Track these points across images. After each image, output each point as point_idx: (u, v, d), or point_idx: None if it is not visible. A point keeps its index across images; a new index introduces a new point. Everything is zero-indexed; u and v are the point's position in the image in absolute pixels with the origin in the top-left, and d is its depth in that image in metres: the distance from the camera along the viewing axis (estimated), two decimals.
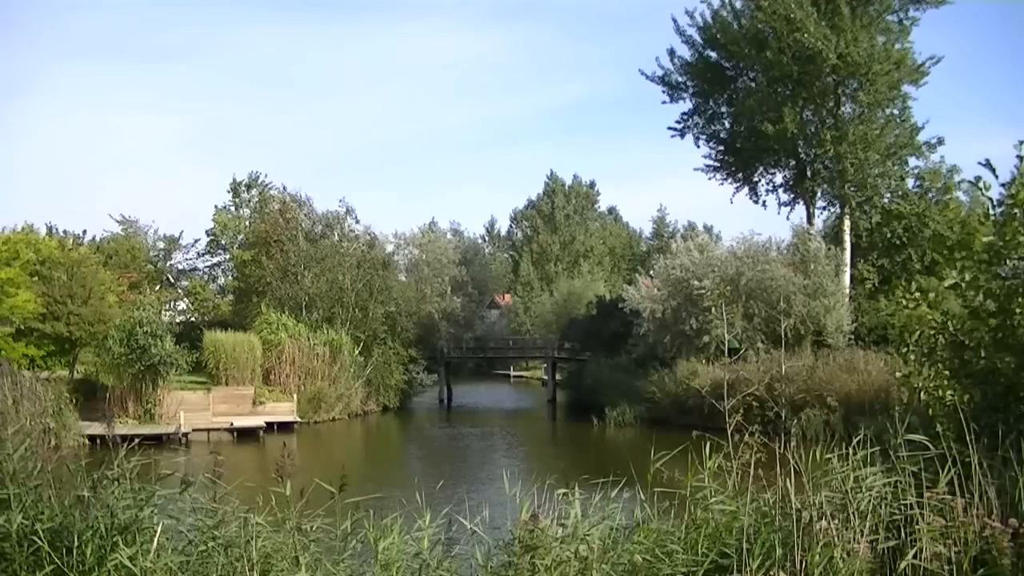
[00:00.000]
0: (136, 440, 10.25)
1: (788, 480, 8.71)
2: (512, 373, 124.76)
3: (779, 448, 9.16)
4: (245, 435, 57.24)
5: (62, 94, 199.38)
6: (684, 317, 61.40)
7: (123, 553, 8.14)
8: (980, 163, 11.29)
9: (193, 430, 55.24)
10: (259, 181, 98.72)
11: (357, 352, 72.65)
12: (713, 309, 55.09)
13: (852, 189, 64.99)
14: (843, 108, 65.86)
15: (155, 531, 8.41)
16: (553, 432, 72.67)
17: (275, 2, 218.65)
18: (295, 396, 64.40)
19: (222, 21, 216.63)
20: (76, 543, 8.41)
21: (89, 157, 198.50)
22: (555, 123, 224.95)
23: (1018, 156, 11.10)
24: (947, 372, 11.12)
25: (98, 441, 40.74)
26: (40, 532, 8.52)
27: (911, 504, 8.45)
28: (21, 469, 9.34)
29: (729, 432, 9.21)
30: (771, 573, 8.05)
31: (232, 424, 58.40)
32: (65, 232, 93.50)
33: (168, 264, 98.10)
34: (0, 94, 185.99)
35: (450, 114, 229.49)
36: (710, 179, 72.97)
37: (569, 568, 8.24)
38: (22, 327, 60.05)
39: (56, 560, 8.41)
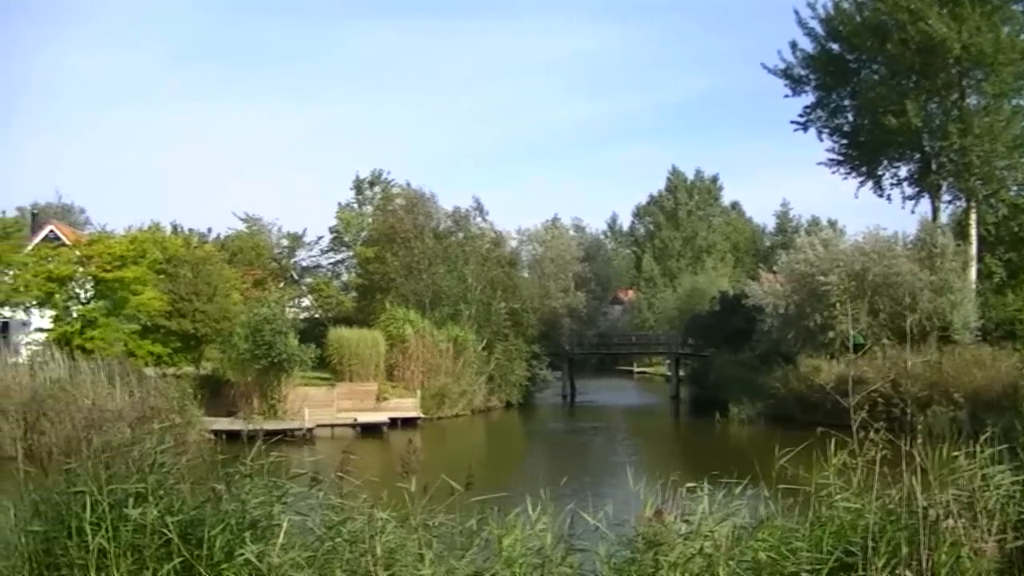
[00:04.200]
0: (262, 435, 10.38)
1: (914, 478, 8.61)
2: (635, 369, 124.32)
3: (904, 445, 9.06)
4: (369, 431, 57.73)
5: (186, 95, 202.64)
6: (808, 313, 60.82)
7: (251, 548, 8.26)
8: None
9: (317, 426, 55.84)
10: (382, 178, 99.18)
11: (481, 348, 73.00)
12: (838, 305, 54.58)
13: (978, 182, 64.03)
14: (968, 99, 64.90)
15: (282, 527, 8.50)
16: (676, 429, 72.53)
17: (393, 1, 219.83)
18: (418, 392, 64.64)
19: (342, 20, 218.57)
20: (206, 537, 8.55)
21: (213, 156, 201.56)
22: (676, 118, 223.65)
23: None
24: None
25: (224, 436, 41.30)
26: (171, 524, 8.68)
27: None
28: (159, 463, 9.53)
29: (854, 429, 9.11)
30: (897, 572, 7.97)
31: (356, 420, 58.85)
32: (190, 230, 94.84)
33: (292, 261, 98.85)
34: (127, 96, 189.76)
35: (569, 110, 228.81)
36: (833, 173, 72.29)
37: (693, 565, 8.21)
38: (149, 324, 60.98)
39: (185, 553, 8.53)
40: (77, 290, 60.60)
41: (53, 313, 59.63)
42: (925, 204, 69.17)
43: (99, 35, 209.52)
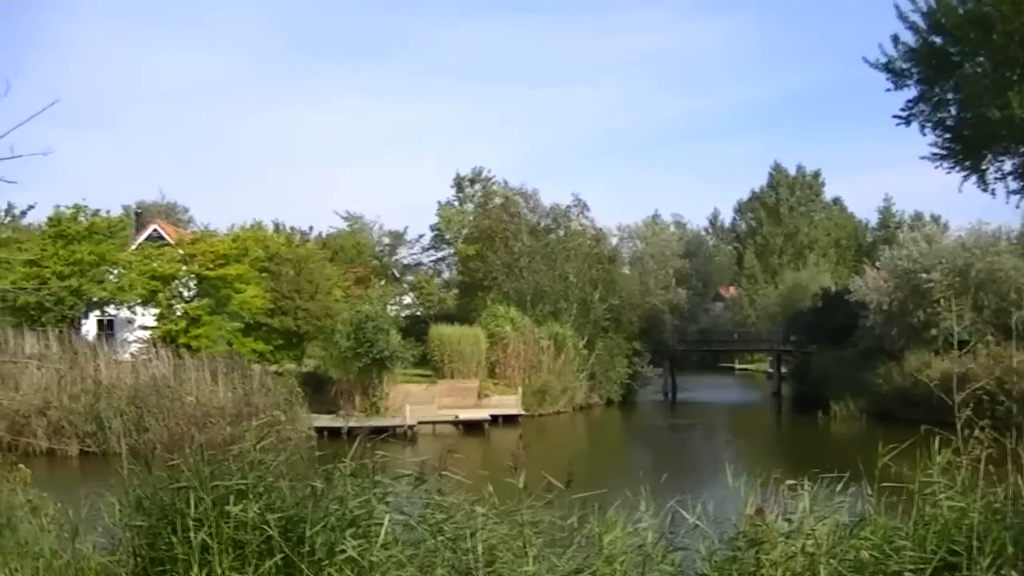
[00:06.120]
0: (364, 433, 10.43)
1: (1020, 476, 8.52)
2: (737, 366, 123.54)
3: (1010, 443, 8.95)
4: (470, 428, 57.86)
5: (289, 93, 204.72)
6: (911, 309, 60.26)
7: (352, 545, 8.34)
8: None
9: (419, 423, 55.83)
10: (482, 176, 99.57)
11: (581, 345, 72.98)
12: (942, 301, 54.04)
13: None
14: None
15: (384, 524, 8.55)
16: (777, 426, 72.19)
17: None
18: (520, 389, 64.74)
19: (438, 18, 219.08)
20: (307, 533, 8.61)
21: (315, 154, 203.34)
22: (778, 113, 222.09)
23: None
24: None
25: (326, 433, 41.59)
26: (271, 521, 8.77)
27: None
28: (260, 460, 9.62)
29: (958, 427, 9.01)
30: (1002, 572, 7.87)
31: (457, 417, 58.95)
32: (292, 228, 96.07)
33: (393, 259, 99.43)
34: (230, 95, 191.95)
35: (669, 105, 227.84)
36: (937, 168, 71.47)
37: (794, 563, 8.16)
38: (251, 322, 61.61)
39: (286, 549, 8.60)
40: (180, 288, 61.49)
41: (157, 311, 60.49)
42: None
43: (202, 35, 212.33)
